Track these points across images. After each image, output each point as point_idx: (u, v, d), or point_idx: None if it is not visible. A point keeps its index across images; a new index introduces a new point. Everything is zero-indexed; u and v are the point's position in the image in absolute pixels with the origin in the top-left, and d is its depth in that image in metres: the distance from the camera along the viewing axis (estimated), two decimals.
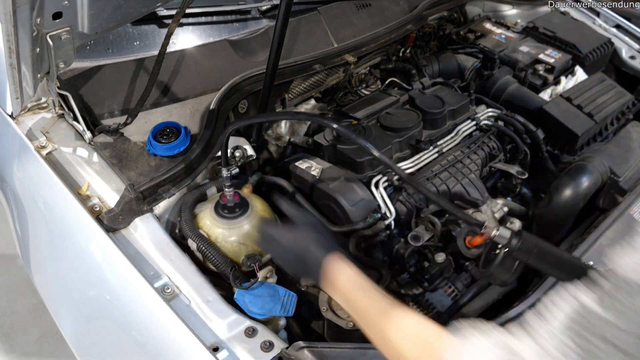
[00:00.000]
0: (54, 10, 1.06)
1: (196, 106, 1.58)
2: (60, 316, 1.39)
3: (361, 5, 2.03)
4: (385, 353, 0.82)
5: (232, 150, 1.50)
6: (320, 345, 1.06)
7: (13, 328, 2.41)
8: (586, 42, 2.22)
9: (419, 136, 1.66)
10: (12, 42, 1.04)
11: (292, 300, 1.25)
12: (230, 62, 1.70)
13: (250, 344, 1.07)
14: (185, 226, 1.30)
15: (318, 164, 1.53)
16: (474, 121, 1.76)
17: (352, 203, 1.39)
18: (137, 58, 1.59)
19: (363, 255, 1.36)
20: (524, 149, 1.76)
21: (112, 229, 1.26)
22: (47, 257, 1.41)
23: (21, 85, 1.26)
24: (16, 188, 1.46)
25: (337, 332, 1.26)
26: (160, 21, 1.68)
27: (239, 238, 1.31)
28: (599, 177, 1.63)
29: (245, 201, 1.36)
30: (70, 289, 1.32)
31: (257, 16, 1.87)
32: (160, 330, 1.09)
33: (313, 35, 1.88)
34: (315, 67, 1.78)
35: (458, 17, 2.49)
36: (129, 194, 1.28)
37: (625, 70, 2.34)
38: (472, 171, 1.61)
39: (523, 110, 1.91)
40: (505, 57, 2.14)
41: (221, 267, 1.24)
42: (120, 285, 1.17)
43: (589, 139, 1.88)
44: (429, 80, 2.02)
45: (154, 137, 1.41)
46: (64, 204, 1.29)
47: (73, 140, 1.45)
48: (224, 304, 1.15)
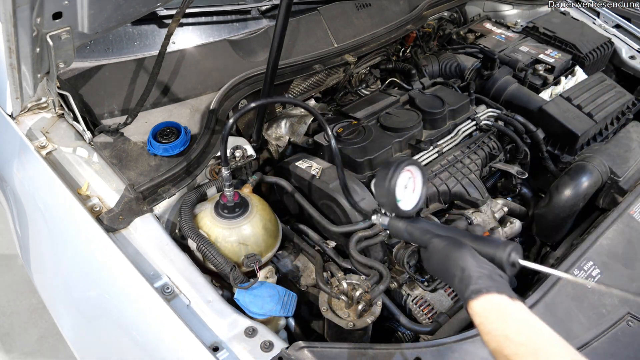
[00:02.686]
0: (54, 10, 1.06)
1: (196, 106, 1.58)
2: (60, 316, 1.39)
3: (361, 5, 2.03)
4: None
5: (232, 150, 1.51)
6: (320, 345, 1.06)
7: (13, 328, 2.41)
8: (586, 42, 2.22)
9: (419, 136, 1.66)
10: (12, 42, 1.04)
11: (292, 300, 1.25)
12: (230, 62, 1.70)
13: (250, 344, 1.07)
14: (185, 226, 1.30)
15: (318, 164, 1.53)
16: (474, 121, 1.76)
17: (352, 203, 1.39)
18: (137, 58, 1.59)
19: (363, 256, 1.36)
20: (524, 149, 1.76)
21: (112, 229, 1.26)
22: (47, 257, 1.41)
23: (21, 85, 1.26)
24: (16, 188, 1.46)
25: (337, 332, 1.26)
26: (160, 21, 1.68)
27: (239, 238, 1.31)
28: (599, 177, 1.63)
29: (245, 201, 1.36)
30: (70, 289, 1.32)
31: (257, 16, 1.87)
32: (160, 330, 1.09)
33: (313, 35, 1.88)
34: (315, 67, 1.78)
35: (458, 17, 2.49)
36: (129, 194, 1.28)
37: (625, 70, 2.34)
38: (472, 171, 1.61)
39: (523, 110, 1.91)
40: (505, 57, 2.14)
41: (221, 267, 1.24)
42: (120, 285, 1.17)
43: (589, 139, 1.88)
44: (429, 80, 2.02)
45: (154, 137, 1.41)
46: (64, 204, 1.29)
47: (73, 140, 1.45)
48: (224, 304, 1.15)
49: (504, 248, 0.85)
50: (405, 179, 1.01)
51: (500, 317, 0.77)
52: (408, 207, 1.01)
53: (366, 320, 1.22)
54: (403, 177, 1.00)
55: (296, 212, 1.60)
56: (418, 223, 1.00)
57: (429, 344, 1.11)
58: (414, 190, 1.03)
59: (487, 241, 0.88)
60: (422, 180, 1.04)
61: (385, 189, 0.98)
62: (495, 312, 0.78)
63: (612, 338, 1.17)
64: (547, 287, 1.24)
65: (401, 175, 0.99)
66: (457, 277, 0.85)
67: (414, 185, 1.03)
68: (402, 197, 1.00)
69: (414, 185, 1.03)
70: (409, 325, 1.30)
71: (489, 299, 0.79)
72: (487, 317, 0.78)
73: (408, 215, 1.02)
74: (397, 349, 1.09)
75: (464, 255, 0.86)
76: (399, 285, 1.39)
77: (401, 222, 1.02)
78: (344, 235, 1.40)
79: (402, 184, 1.00)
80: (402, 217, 1.02)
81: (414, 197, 1.03)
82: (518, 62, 2.11)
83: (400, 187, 0.99)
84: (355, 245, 1.35)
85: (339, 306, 1.26)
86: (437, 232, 0.95)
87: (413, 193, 1.03)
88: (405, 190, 1.01)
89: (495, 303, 0.78)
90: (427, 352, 1.08)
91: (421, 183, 1.04)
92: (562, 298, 1.23)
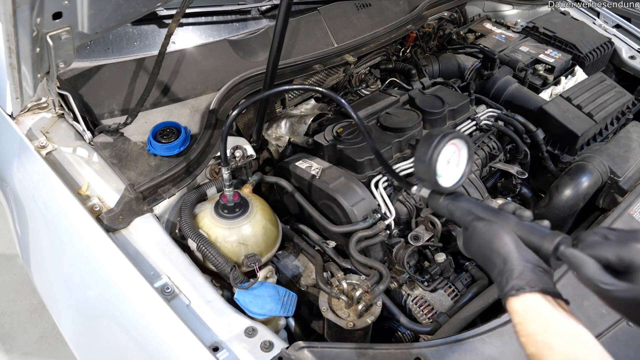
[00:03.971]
0: (54, 10, 1.06)
1: (196, 106, 1.58)
2: (60, 316, 1.39)
3: (361, 5, 2.03)
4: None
5: (232, 150, 1.51)
6: (320, 345, 1.06)
7: (13, 328, 2.41)
8: (586, 42, 2.22)
9: (418, 136, 1.66)
10: (12, 42, 1.04)
11: (292, 300, 1.25)
12: (230, 62, 1.70)
13: (250, 344, 1.07)
14: (185, 226, 1.30)
15: (318, 164, 1.53)
16: (473, 121, 1.76)
17: (352, 203, 1.39)
18: (137, 58, 1.59)
19: (363, 256, 1.36)
20: (524, 149, 1.76)
21: (112, 229, 1.26)
22: (47, 257, 1.41)
23: (21, 85, 1.26)
24: (16, 188, 1.46)
25: (337, 332, 1.26)
26: (160, 21, 1.68)
27: (239, 238, 1.31)
28: (599, 177, 1.63)
29: (245, 201, 1.36)
30: (70, 289, 1.32)
31: (257, 16, 1.86)
32: (160, 330, 1.09)
33: (313, 35, 1.88)
34: (315, 67, 1.78)
35: (458, 17, 2.49)
36: (129, 194, 1.28)
37: (625, 70, 2.34)
38: (472, 171, 1.61)
39: (523, 110, 1.91)
40: (505, 57, 2.14)
41: (221, 267, 1.24)
42: (120, 285, 1.17)
43: (589, 139, 1.88)
44: (429, 80, 2.02)
45: (154, 137, 1.41)
46: (64, 204, 1.29)
47: (73, 140, 1.45)
48: (224, 304, 1.15)
49: (552, 239, 0.76)
50: (449, 153, 0.91)
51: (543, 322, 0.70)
52: (449, 184, 0.92)
53: (366, 320, 1.22)
54: (447, 150, 0.90)
55: (296, 212, 1.60)
56: (460, 201, 0.91)
57: (429, 344, 1.11)
58: (457, 165, 0.94)
59: (534, 229, 0.79)
60: (468, 155, 0.94)
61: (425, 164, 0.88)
62: (538, 315, 0.71)
63: (612, 338, 1.17)
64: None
65: (445, 148, 0.89)
66: (497, 268, 0.77)
67: (457, 160, 0.94)
68: (444, 172, 0.91)
69: (458, 160, 0.94)
70: (409, 325, 1.30)
71: (532, 299, 0.71)
72: (528, 319, 0.71)
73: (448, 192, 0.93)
74: (397, 349, 1.09)
75: (508, 244, 0.77)
76: (399, 285, 1.39)
77: (442, 199, 0.93)
78: (344, 235, 1.40)
79: (445, 158, 0.91)
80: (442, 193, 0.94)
81: (456, 173, 0.94)
82: (518, 62, 2.11)
83: (443, 161, 0.90)
84: (355, 245, 1.35)
85: (339, 306, 1.26)
86: (481, 214, 0.86)
87: (456, 168, 0.94)
88: (448, 165, 0.92)
89: (538, 304, 0.71)
90: (427, 352, 1.08)
91: (466, 158, 0.94)
92: None
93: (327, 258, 1.43)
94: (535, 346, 0.69)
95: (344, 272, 1.36)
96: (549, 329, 0.69)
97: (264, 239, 1.35)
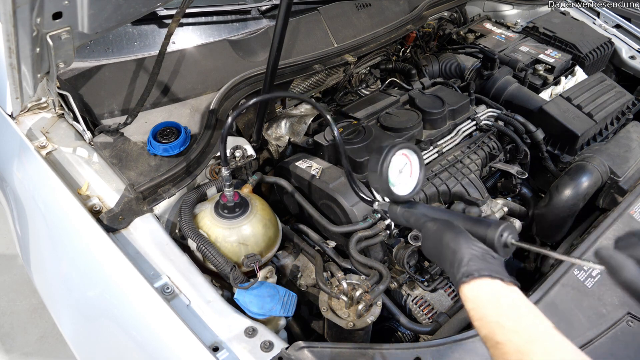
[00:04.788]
0: (54, 10, 1.06)
1: (196, 106, 1.58)
2: (60, 316, 1.39)
3: (361, 5, 2.03)
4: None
5: (232, 150, 1.51)
6: (320, 345, 1.06)
7: (13, 328, 2.41)
8: (586, 42, 2.22)
9: (419, 136, 1.66)
10: (12, 42, 1.04)
11: (292, 300, 1.25)
12: (230, 62, 1.70)
13: (250, 344, 1.07)
14: (185, 226, 1.30)
15: (318, 164, 1.53)
16: (473, 121, 1.76)
17: (352, 203, 1.39)
18: (137, 58, 1.59)
19: (363, 256, 1.36)
20: (524, 149, 1.76)
21: (112, 229, 1.26)
22: (47, 257, 1.41)
23: (21, 85, 1.26)
24: (16, 188, 1.46)
25: (337, 332, 1.26)
26: (160, 21, 1.68)
27: (239, 238, 1.31)
28: (599, 177, 1.63)
29: (245, 201, 1.36)
30: (70, 289, 1.32)
31: (257, 16, 1.86)
32: (160, 330, 1.09)
33: (313, 35, 1.88)
34: (315, 67, 1.78)
35: (458, 17, 2.49)
36: (129, 194, 1.28)
37: (625, 70, 2.34)
38: (472, 171, 1.61)
39: (523, 110, 1.91)
40: (505, 57, 2.14)
41: (221, 267, 1.24)
42: (120, 285, 1.17)
43: (589, 139, 1.88)
44: (429, 80, 2.02)
45: (154, 137, 1.41)
46: (64, 204, 1.29)
47: (73, 140, 1.45)
48: (224, 304, 1.15)
49: (495, 228, 0.80)
50: (400, 164, 0.97)
51: (492, 302, 0.72)
52: (404, 192, 0.98)
53: (366, 320, 1.22)
54: (397, 161, 0.96)
55: (296, 212, 1.60)
56: (415, 208, 0.96)
57: (429, 344, 1.11)
58: (410, 174, 0.99)
59: (480, 222, 0.84)
60: (419, 165, 1.00)
61: (377, 174, 0.94)
62: (488, 296, 0.73)
63: (612, 338, 1.17)
64: (548, 287, 1.24)
65: (394, 159, 0.95)
66: (448, 260, 0.80)
67: (410, 170, 0.99)
68: (397, 182, 0.97)
69: (411, 169, 0.99)
70: (409, 325, 1.30)
71: (481, 283, 0.74)
72: (480, 303, 0.73)
73: (405, 201, 0.98)
74: (397, 349, 1.09)
75: (455, 237, 0.81)
76: (399, 285, 1.39)
77: (399, 208, 0.98)
78: (344, 235, 1.40)
79: (397, 168, 0.97)
80: (399, 203, 0.99)
81: (410, 182, 0.99)
82: (518, 62, 2.11)
83: (395, 171, 0.96)
84: (355, 245, 1.35)
85: (339, 306, 1.26)
86: (432, 216, 0.91)
87: (410, 178, 0.99)
88: (401, 174, 0.98)
89: (487, 287, 0.73)
90: (427, 352, 1.08)
91: (418, 167, 1.00)
92: (562, 298, 1.23)
93: (327, 258, 1.43)
94: (488, 327, 0.71)
95: (344, 272, 1.36)
96: (498, 309, 0.71)
97: (264, 239, 1.35)
